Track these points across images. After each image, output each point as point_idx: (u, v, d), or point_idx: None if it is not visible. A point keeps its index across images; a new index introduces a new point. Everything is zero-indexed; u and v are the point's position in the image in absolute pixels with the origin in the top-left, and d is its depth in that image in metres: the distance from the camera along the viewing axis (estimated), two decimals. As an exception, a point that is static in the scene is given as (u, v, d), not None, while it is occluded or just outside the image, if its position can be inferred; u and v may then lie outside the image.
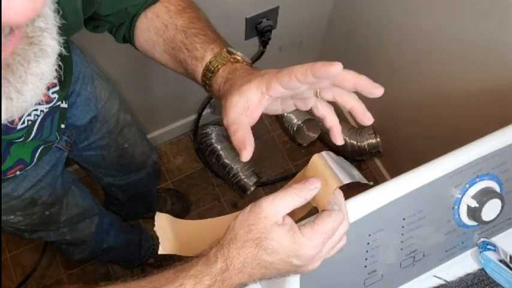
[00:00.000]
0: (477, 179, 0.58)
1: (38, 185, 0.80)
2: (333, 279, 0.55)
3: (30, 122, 0.61)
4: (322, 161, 0.48)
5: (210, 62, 0.57)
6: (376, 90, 0.48)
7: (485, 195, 0.57)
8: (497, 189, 0.59)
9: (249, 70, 0.55)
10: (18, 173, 0.71)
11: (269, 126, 1.67)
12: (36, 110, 0.61)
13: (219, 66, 0.57)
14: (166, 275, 0.46)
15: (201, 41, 0.60)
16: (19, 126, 0.59)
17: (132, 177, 1.18)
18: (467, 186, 0.58)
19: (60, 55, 0.38)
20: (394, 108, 1.31)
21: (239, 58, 0.57)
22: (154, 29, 0.62)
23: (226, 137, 1.57)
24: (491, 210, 0.58)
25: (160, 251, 0.53)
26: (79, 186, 1.01)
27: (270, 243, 0.44)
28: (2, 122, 0.35)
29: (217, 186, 1.59)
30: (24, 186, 0.77)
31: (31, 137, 0.64)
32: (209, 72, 0.57)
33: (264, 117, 1.67)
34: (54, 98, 0.64)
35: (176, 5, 0.63)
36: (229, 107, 0.51)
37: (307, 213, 0.50)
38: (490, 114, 0.94)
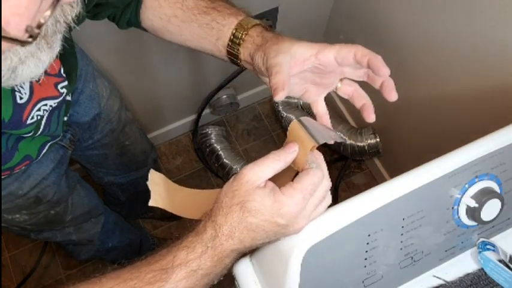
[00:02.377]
0: (477, 179, 0.58)
1: (43, 183, 0.80)
2: (332, 279, 0.55)
3: (39, 117, 0.62)
4: (299, 127, 0.51)
5: (247, 17, 0.58)
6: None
7: (484, 195, 0.57)
8: (497, 189, 0.59)
9: None
10: (23, 168, 0.71)
11: (269, 127, 1.67)
12: (46, 104, 0.62)
13: (258, 22, 0.57)
14: (159, 252, 0.48)
15: (230, 4, 0.60)
16: (28, 121, 0.60)
17: (132, 175, 1.18)
18: (466, 186, 0.58)
19: (64, 48, 0.43)
20: (394, 108, 1.31)
21: (258, 22, 0.59)
22: (168, 3, 0.62)
23: (225, 137, 1.57)
24: (491, 210, 0.58)
25: (151, 203, 0.56)
26: (84, 185, 1.01)
27: (253, 204, 0.46)
28: (31, 80, 0.42)
29: (217, 187, 1.59)
30: (28, 185, 0.77)
31: (39, 132, 0.65)
32: (248, 23, 0.57)
33: (264, 117, 1.68)
34: (63, 92, 0.65)
35: None
36: (278, 51, 0.52)
37: None
38: (490, 114, 0.94)
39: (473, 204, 0.57)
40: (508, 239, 0.63)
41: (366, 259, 0.55)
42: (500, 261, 0.59)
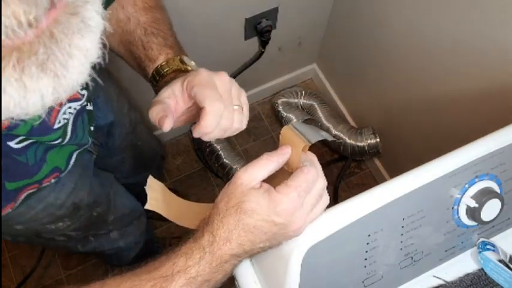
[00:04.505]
0: (477, 179, 0.58)
1: (76, 189, 0.80)
2: (332, 279, 0.55)
3: (65, 121, 0.61)
4: (290, 131, 0.52)
5: (161, 66, 0.59)
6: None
7: (484, 195, 0.57)
8: (497, 189, 0.59)
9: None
10: (53, 181, 0.70)
11: (269, 127, 1.67)
12: (70, 107, 0.62)
13: (169, 72, 0.58)
14: (159, 259, 0.48)
15: (158, 43, 0.61)
16: (56, 126, 0.59)
17: (142, 175, 1.18)
18: (466, 186, 0.58)
19: None
20: (394, 108, 1.31)
21: (190, 69, 0.59)
22: (116, 18, 0.63)
23: (225, 137, 1.57)
24: (491, 210, 0.58)
25: (147, 206, 0.57)
26: (120, 186, 1.00)
27: (248, 205, 0.45)
28: (51, 103, 0.33)
29: (217, 186, 1.59)
30: (65, 193, 0.77)
31: (67, 139, 0.64)
32: (158, 75, 0.59)
33: (264, 117, 1.68)
34: (84, 94, 0.64)
35: (143, 1, 0.64)
36: (158, 94, 0.53)
37: None
38: (490, 114, 0.94)
39: (473, 204, 0.57)
40: (508, 239, 0.63)
41: (366, 259, 0.55)
42: (500, 261, 0.59)
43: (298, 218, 0.47)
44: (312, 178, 0.47)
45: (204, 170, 1.61)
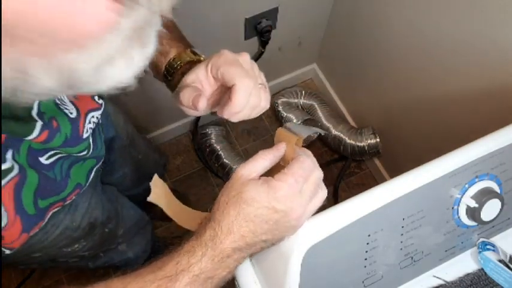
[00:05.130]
0: (477, 179, 0.58)
1: (90, 208, 0.80)
2: (332, 279, 0.55)
3: (91, 131, 0.62)
4: (284, 130, 0.54)
5: (173, 59, 0.59)
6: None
7: (484, 195, 0.57)
8: (497, 189, 0.59)
9: None
10: (74, 197, 0.70)
11: (269, 127, 1.67)
12: (93, 116, 0.63)
13: (182, 64, 0.58)
14: (162, 258, 0.48)
15: (167, 37, 0.60)
16: (84, 135, 0.60)
17: (145, 185, 1.18)
18: (466, 186, 0.58)
19: None
20: (394, 108, 1.31)
21: (202, 60, 0.59)
22: None
23: (225, 137, 1.57)
24: (491, 210, 0.58)
25: (149, 199, 0.59)
26: (124, 198, 1.00)
27: (248, 194, 0.46)
28: (137, 73, 0.34)
29: (217, 186, 1.59)
30: (79, 215, 0.77)
31: (91, 150, 0.65)
32: (171, 68, 0.59)
33: (263, 117, 1.68)
34: (101, 103, 0.65)
35: None
36: (182, 81, 0.53)
37: None
38: (490, 114, 0.94)
39: (473, 204, 0.57)
40: (508, 239, 0.63)
41: (366, 259, 0.55)
42: (500, 261, 0.59)
43: (297, 205, 0.47)
44: (308, 166, 0.48)
45: (204, 170, 1.61)
